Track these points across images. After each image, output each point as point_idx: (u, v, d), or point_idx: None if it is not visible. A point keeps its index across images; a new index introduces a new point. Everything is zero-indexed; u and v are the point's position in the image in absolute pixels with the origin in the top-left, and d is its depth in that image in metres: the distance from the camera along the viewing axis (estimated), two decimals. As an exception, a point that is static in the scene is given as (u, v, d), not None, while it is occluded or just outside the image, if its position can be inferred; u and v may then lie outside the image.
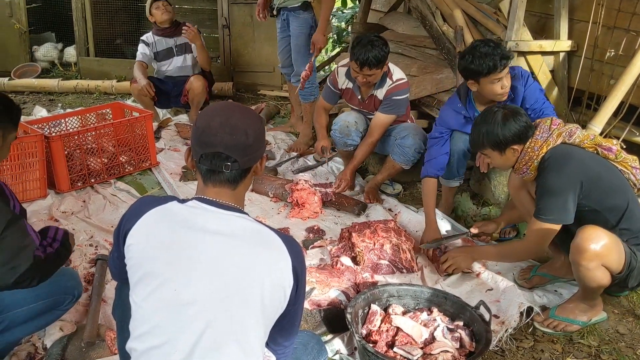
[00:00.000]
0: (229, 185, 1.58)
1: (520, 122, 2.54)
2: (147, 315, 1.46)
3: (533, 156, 2.53)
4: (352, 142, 3.89)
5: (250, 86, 6.71)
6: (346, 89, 3.89)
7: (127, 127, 4.14)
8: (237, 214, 1.56)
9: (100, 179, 4.04)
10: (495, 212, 3.57)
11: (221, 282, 1.45)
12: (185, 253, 1.47)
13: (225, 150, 1.54)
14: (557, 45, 3.80)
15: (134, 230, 1.52)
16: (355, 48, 3.49)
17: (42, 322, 2.22)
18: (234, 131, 1.55)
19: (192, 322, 1.42)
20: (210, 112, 1.61)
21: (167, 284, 1.45)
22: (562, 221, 2.47)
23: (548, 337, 2.56)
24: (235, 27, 6.56)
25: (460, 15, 4.09)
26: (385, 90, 3.68)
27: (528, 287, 2.86)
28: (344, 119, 3.88)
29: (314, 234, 3.38)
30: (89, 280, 2.79)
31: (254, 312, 1.47)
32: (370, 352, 2.15)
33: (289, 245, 1.55)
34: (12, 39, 7.12)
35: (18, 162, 3.60)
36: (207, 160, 1.55)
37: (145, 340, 1.44)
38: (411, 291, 2.57)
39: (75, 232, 3.33)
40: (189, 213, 1.54)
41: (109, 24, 7.17)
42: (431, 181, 3.29)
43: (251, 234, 1.53)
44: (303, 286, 1.59)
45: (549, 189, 2.47)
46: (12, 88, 6.52)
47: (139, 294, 1.48)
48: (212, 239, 1.49)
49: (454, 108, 3.27)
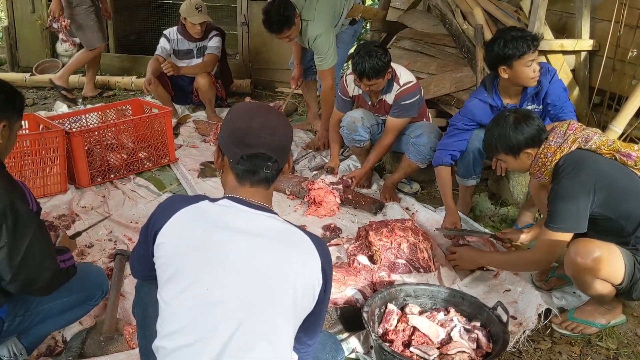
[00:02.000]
0: (264, 185, 1.61)
1: (532, 125, 2.51)
2: (177, 314, 1.46)
3: (546, 162, 2.50)
4: (359, 138, 3.89)
5: (268, 83, 6.72)
6: (357, 95, 3.92)
7: (146, 124, 4.18)
8: (268, 214, 1.57)
9: (120, 175, 4.08)
10: (513, 213, 3.55)
11: (253, 282, 1.46)
12: (217, 252, 1.48)
13: (268, 151, 1.56)
14: (579, 45, 3.76)
15: (165, 229, 1.52)
16: (355, 58, 3.48)
17: (73, 315, 2.27)
18: (275, 132, 1.57)
19: (223, 321, 1.42)
20: (246, 112, 1.61)
21: (198, 282, 1.45)
22: (573, 230, 2.43)
23: (566, 339, 2.54)
24: (254, 24, 6.56)
25: (481, 14, 4.06)
26: (394, 96, 3.67)
27: (546, 289, 2.83)
28: (351, 115, 3.89)
29: (331, 232, 3.39)
30: (107, 275, 2.81)
31: (285, 312, 1.47)
32: (386, 352, 2.15)
33: (318, 246, 1.56)
34: (34, 35, 7.20)
35: (39, 157, 3.65)
36: (248, 161, 1.56)
37: (174, 339, 1.45)
38: (428, 291, 2.56)
39: (95, 226, 3.37)
40: (220, 212, 1.54)
41: (130, 21, 7.23)
42: (444, 169, 3.30)
43: (282, 234, 1.54)
44: (330, 286, 1.60)
45: (561, 196, 2.42)
46: (34, 83, 6.60)
47: (168, 292, 1.48)
48: (244, 238, 1.50)
49: (480, 97, 3.23)
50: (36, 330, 2.18)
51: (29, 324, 2.12)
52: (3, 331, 2.03)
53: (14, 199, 1.87)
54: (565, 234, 2.43)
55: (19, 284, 1.90)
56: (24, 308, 2.08)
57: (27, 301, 2.09)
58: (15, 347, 2.15)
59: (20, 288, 1.92)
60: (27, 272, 1.90)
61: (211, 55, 5.27)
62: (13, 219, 1.85)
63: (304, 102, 5.62)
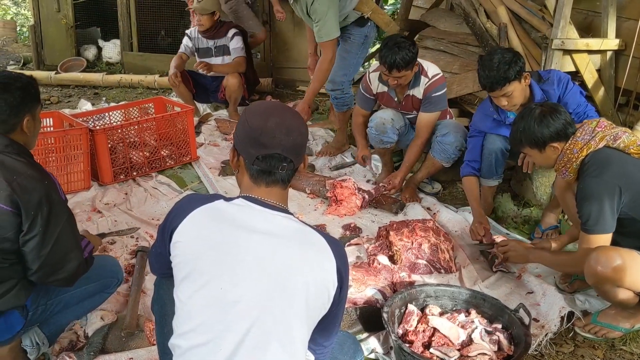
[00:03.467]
0: (280, 185, 1.60)
1: (558, 119, 2.48)
2: (192, 313, 1.46)
3: (572, 158, 2.46)
4: (388, 140, 3.84)
5: (290, 82, 6.73)
6: (381, 93, 3.85)
7: (168, 122, 4.21)
8: (284, 214, 1.57)
9: (142, 172, 4.11)
10: (536, 214, 3.50)
11: (267, 282, 1.45)
12: (232, 252, 1.47)
13: (283, 152, 1.55)
14: (605, 44, 3.70)
15: (181, 227, 1.53)
16: (383, 51, 3.46)
17: (91, 304, 2.34)
18: (290, 132, 1.56)
19: (237, 321, 1.42)
20: (261, 112, 1.60)
21: (213, 282, 1.45)
22: (609, 230, 2.37)
23: (589, 343, 2.51)
24: (276, 23, 6.58)
25: (505, 12, 4.02)
26: (423, 89, 3.63)
27: (569, 291, 2.79)
28: (380, 115, 3.84)
29: (351, 231, 3.38)
30: (129, 272, 2.84)
31: (298, 313, 1.47)
32: (406, 352, 2.13)
33: (334, 247, 1.55)
34: (60, 34, 7.30)
35: (63, 154, 3.70)
36: (263, 161, 1.56)
37: (189, 338, 1.45)
38: (449, 292, 2.54)
39: (117, 223, 3.42)
40: (236, 212, 1.54)
41: (153, 19, 7.29)
42: (471, 178, 3.36)
43: (297, 234, 1.54)
44: (346, 287, 1.59)
45: (587, 197, 2.37)
46: (59, 82, 6.70)
47: (184, 291, 1.49)
48: (259, 238, 1.49)
49: (484, 111, 3.31)
50: (56, 319, 2.24)
51: (50, 312, 2.17)
52: (27, 321, 2.07)
53: (49, 189, 1.93)
54: (602, 236, 2.37)
55: (44, 273, 1.95)
56: (45, 297, 2.13)
57: (49, 290, 2.14)
58: (38, 337, 2.21)
59: (45, 277, 1.97)
60: (53, 261, 1.95)
61: (239, 58, 5.31)
62: (48, 208, 1.90)
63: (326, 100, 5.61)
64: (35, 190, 1.89)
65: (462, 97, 4.35)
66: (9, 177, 1.87)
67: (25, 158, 1.98)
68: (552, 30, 3.59)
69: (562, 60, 3.60)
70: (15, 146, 1.98)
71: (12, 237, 1.88)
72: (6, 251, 1.90)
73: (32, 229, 1.88)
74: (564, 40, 3.54)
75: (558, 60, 3.60)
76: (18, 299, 1.99)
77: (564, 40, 3.54)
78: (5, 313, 2.00)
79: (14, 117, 1.97)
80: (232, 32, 5.29)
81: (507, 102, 3.00)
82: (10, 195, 1.84)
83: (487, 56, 3.01)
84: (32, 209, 1.87)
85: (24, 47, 8.91)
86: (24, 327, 2.09)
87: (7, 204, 1.84)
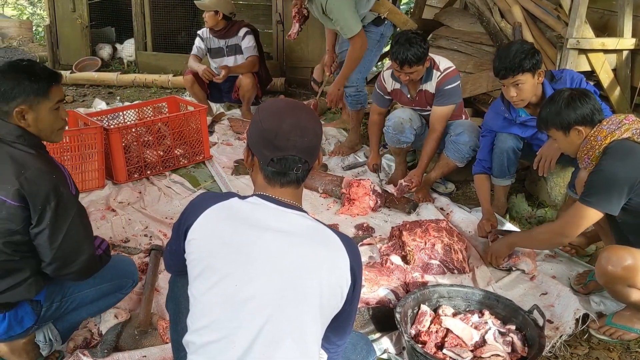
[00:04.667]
0: (295, 185, 1.59)
1: (587, 103, 2.45)
2: (206, 309, 1.47)
3: (595, 145, 2.41)
4: (405, 140, 3.83)
5: (302, 82, 6.73)
6: (394, 90, 3.85)
7: (182, 121, 4.23)
8: (297, 212, 1.56)
9: (156, 171, 4.14)
10: (551, 214, 3.48)
11: (281, 279, 1.45)
12: (246, 249, 1.47)
13: (298, 154, 1.54)
14: (621, 43, 3.67)
15: (196, 225, 1.53)
16: (394, 47, 3.46)
17: (105, 303, 2.34)
18: (305, 134, 1.55)
19: (251, 318, 1.43)
20: (275, 112, 1.58)
21: (227, 279, 1.46)
22: (603, 208, 2.34)
23: (604, 345, 2.48)
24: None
25: (519, 11, 4.00)
26: (435, 82, 3.63)
27: (584, 293, 2.77)
28: (398, 115, 3.83)
29: (363, 231, 3.37)
30: (142, 270, 2.86)
31: (311, 310, 1.47)
32: (419, 353, 2.13)
33: (347, 245, 1.55)
34: (75, 33, 7.36)
35: (78, 153, 3.73)
36: (277, 163, 1.55)
37: (203, 335, 1.46)
38: (462, 292, 2.53)
39: (131, 222, 3.44)
40: (250, 210, 1.54)
41: (167, 19, 7.33)
42: (482, 176, 3.38)
43: (311, 232, 1.54)
44: (359, 286, 1.59)
45: (600, 171, 2.34)
46: (74, 81, 6.75)
47: (198, 288, 1.50)
48: (273, 236, 1.49)
49: (496, 110, 3.29)
50: (70, 317, 2.26)
51: (64, 310, 2.18)
52: (41, 316, 2.09)
53: (57, 183, 1.93)
54: (594, 211, 2.36)
55: (57, 266, 1.97)
56: (60, 294, 2.14)
57: (64, 287, 2.15)
58: (51, 333, 2.22)
59: (58, 270, 1.99)
60: (65, 253, 1.97)
61: (252, 57, 5.29)
62: (56, 201, 1.91)
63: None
64: (43, 183, 1.89)
65: (476, 96, 4.34)
66: (17, 172, 1.88)
67: (36, 150, 1.98)
68: (568, 29, 3.56)
69: (578, 59, 3.57)
70: (27, 137, 1.98)
71: (21, 230, 1.90)
72: (17, 243, 1.92)
73: (40, 222, 1.90)
74: (579, 39, 3.51)
75: (573, 59, 3.57)
76: (28, 292, 2.00)
77: (579, 39, 3.51)
78: (17, 307, 2.03)
79: (3, 104, 1.95)
80: (244, 31, 5.28)
81: (516, 93, 2.98)
82: (18, 190, 1.85)
83: (506, 45, 3.03)
84: (39, 203, 1.88)
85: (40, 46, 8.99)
86: (37, 322, 2.11)
87: (15, 199, 1.86)
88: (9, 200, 1.86)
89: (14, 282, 1.96)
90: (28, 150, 1.95)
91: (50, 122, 2.06)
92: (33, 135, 2.01)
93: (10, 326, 2.04)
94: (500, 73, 2.97)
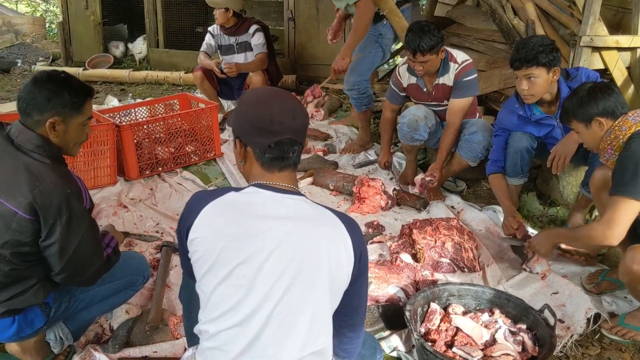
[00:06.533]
0: (291, 168, 1.62)
1: (609, 96, 2.42)
2: (217, 303, 1.50)
3: (619, 135, 2.37)
4: (419, 137, 3.81)
5: (313, 79, 6.72)
6: (410, 85, 3.83)
7: (193, 118, 4.24)
8: (294, 196, 1.59)
9: (167, 168, 4.16)
10: (563, 213, 3.46)
11: (287, 264, 1.47)
12: (251, 240, 1.49)
13: (293, 136, 1.57)
14: (635, 41, 3.63)
15: (196, 224, 1.54)
16: (408, 36, 3.46)
17: (116, 301, 2.35)
18: (296, 115, 1.58)
19: (262, 303, 1.46)
20: (260, 100, 1.61)
21: (236, 271, 1.48)
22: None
23: (616, 345, 2.46)
24: (300, 19, 6.58)
25: (532, 9, 3.97)
26: (453, 75, 3.61)
27: (596, 293, 2.75)
28: (413, 112, 3.79)
29: (374, 229, 3.37)
30: (154, 266, 2.87)
31: (322, 292, 1.50)
32: (428, 351, 2.12)
33: (347, 223, 1.57)
34: (88, 30, 7.41)
35: (90, 150, 3.75)
36: (276, 148, 1.57)
37: (218, 323, 1.49)
38: (472, 291, 2.52)
39: (142, 218, 3.46)
40: (248, 200, 1.56)
41: (179, 16, 7.35)
42: (497, 175, 3.34)
43: (309, 214, 1.56)
44: (365, 264, 1.61)
45: (631, 157, 2.25)
46: (86, 78, 6.79)
47: (208, 284, 1.51)
48: (274, 223, 1.51)
49: (510, 108, 3.25)
50: (81, 316, 2.26)
51: (74, 310, 2.19)
52: (50, 317, 2.10)
53: (69, 197, 1.91)
54: (634, 201, 2.25)
55: (65, 277, 1.98)
56: (69, 295, 2.15)
57: (72, 288, 2.16)
58: (62, 331, 2.23)
59: (66, 280, 2.00)
60: (74, 267, 1.97)
61: (261, 54, 5.30)
62: (68, 216, 1.90)
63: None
64: (56, 197, 1.88)
65: (488, 95, 4.31)
66: (31, 185, 1.86)
67: (53, 161, 1.97)
68: (581, 27, 3.53)
69: (591, 57, 3.53)
70: (47, 147, 1.97)
71: (30, 242, 1.90)
72: (25, 254, 1.92)
73: (50, 235, 1.89)
74: (592, 37, 3.48)
75: (586, 57, 3.54)
76: (36, 297, 2.01)
77: (592, 37, 3.48)
78: (26, 310, 2.03)
79: (37, 113, 1.96)
80: (254, 28, 5.28)
81: (527, 87, 2.95)
82: (30, 204, 1.84)
83: (528, 37, 2.99)
84: (50, 217, 1.87)
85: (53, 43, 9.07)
86: (47, 323, 2.12)
87: (26, 212, 1.85)
88: (20, 212, 1.85)
89: (22, 289, 1.97)
90: (44, 161, 1.94)
91: (76, 136, 2.09)
92: (54, 146, 2.00)
93: (20, 328, 2.04)
94: (514, 64, 2.95)
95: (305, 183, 3.97)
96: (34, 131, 1.96)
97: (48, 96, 1.96)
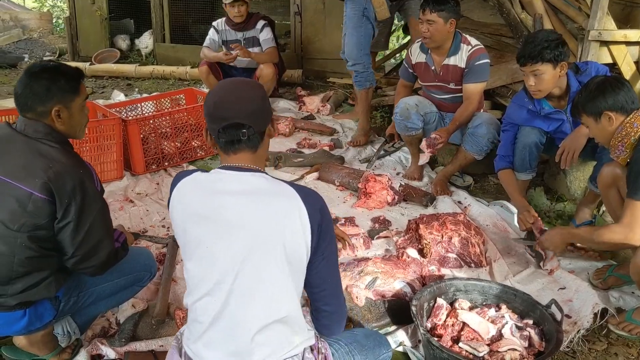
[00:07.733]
0: (248, 150, 1.68)
1: (620, 90, 2.40)
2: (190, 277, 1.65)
3: (631, 132, 2.35)
4: (412, 126, 3.81)
5: (320, 73, 6.72)
6: (418, 63, 3.86)
7: (199, 113, 4.24)
8: (252, 173, 1.66)
9: (173, 163, 4.16)
10: (570, 209, 3.44)
11: (244, 237, 1.57)
12: (212, 215, 1.59)
13: (241, 120, 1.63)
14: (643, 35, 3.60)
15: (171, 202, 1.69)
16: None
17: (123, 296, 2.36)
18: (241, 100, 1.65)
19: (225, 273, 1.57)
20: (216, 89, 1.70)
21: (201, 245, 1.60)
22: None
23: (623, 341, 2.45)
24: (307, 14, 6.57)
25: (540, 3, 3.94)
26: (466, 57, 3.63)
27: (603, 288, 2.74)
28: (405, 101, 3.83)
29: (380, 224, 3.36)
30: (160, 260, 2.88)
31: (279, 262, 1.57)
32: (434, 346, 2.12)
33: (304, 195, 1.63)
34: (94, 25, 7.42)
35: (97, 144, 3.76)
36: (224, 133, 1.65)
37: (193, 295, 1.64)
38: (479, 286, 2.51)
39: (149, 213, 3.46)
40: (210, 180, 1.66)
41: (185, 11, 7.35)
42: (507, 171, 3.32)
43: (267, 188, 1.63)
44: (326, 236, 1.65)
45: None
46: (93, 73, 6.81)
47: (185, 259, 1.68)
48: (233, 198, 1.60)
49: (519, 102, 3.23)
50: (88, 310, 2.28)
51: (82, 304, 2.20)
52: (59, 311, 2.11)
53: (83, 178, 1.96)
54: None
55: (77, 260, 2.00)
56: (78, 289, 2.16)
57: (81, 282, 2.17)
58: (69, 325, 2.24)
59: (78, 263, 2.01)
60: (87, 247, 1.99)
61: (271, 49, 5.30)
62: (82, 195, 1.94)
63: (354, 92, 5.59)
64: (70, 177, 1.92)
65: (495, 89, 4.29)
66: (45, 166, 1.90)
67: (63, 146, 2.02)
68: (589, 21, 3.50)
69: (599, 51, 3.51)
70: (54, 134, 2.01)
71: (46, 224, 1.92)
72: (40, 239, 1.94)
73: (65, 216, 1.92)
74: (601, 31, 3.45)
75: (595, 51, 3.52)
76: (48, 291, 2.03)
77: (601, 31, 3.45)
78: (37, 303, 2.05)
79: (40, 105, 1.99)
80: (262, 23, 5.29)
81: (534, 82, 2.94)
82: (45, 184, 1.88)
83: (535, 32, 2.97)
84: (65, 197, 1.91)
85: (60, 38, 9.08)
86: (56, 317, 2.13)
87: (42, 192, 1.88)
88: (36, 192, 1.88)
89: (34, 281, 1.99)
90: (55, 146, 1.98)
91: (80, 119, 2.14)
92: (60, 133, 2.04)
93: (31, 322, 2.06)
94: (520, 60, 2.94)
95: (311, 178, 3.97)
96: (39, 121, 2.00)
97: (46, 85, 2.00)
